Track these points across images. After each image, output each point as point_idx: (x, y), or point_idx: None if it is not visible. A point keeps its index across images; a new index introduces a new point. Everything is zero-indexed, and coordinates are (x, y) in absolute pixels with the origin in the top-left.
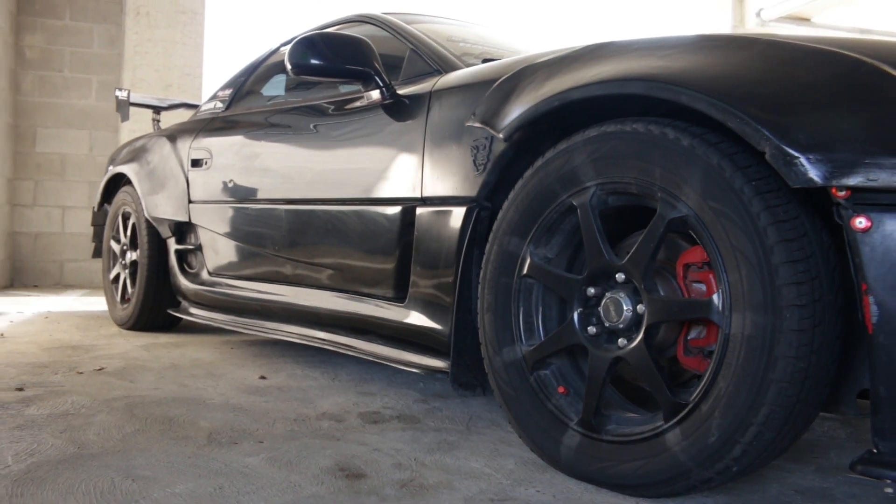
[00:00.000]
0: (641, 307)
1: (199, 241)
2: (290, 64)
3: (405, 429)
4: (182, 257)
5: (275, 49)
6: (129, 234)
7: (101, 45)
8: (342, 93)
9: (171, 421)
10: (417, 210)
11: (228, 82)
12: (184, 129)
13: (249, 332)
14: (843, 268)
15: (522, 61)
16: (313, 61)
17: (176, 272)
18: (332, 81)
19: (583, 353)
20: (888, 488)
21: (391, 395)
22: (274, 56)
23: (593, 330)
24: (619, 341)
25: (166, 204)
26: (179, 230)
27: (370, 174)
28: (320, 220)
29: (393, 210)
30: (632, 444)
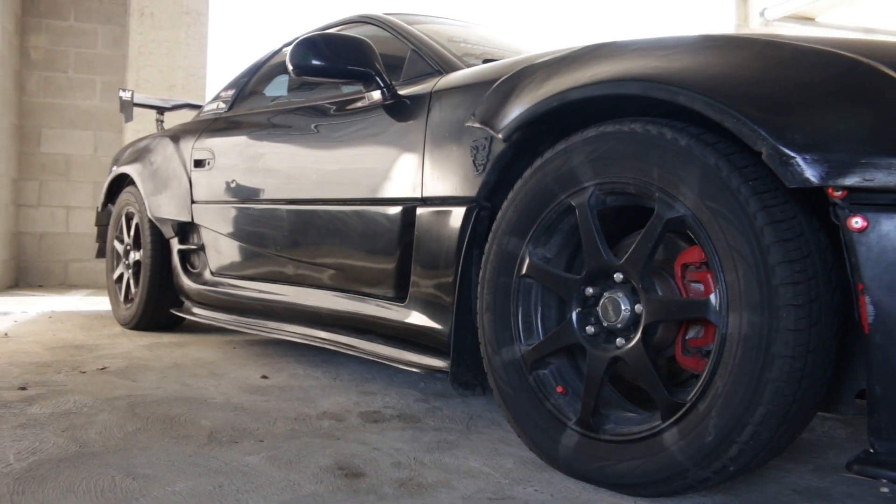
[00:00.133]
0: (639, 307)
1: (201, 242)
2: (291, 65)
3: (405, 428)
4: (185, 257)
5: (277, 50)
6: (132, 235)
7: (105, 46)
8: (344, 93)
9: (173, 420)
10: (418, 210)
11: (231, 83)
12: (186, 129)
13: (252, 331)
14: (840, 268)
15: (522, 62)
16: (314, 62)
17: (179, 272)
18: (334, 82)
19: (581, 352)
20: (884, 488)
21: (392, 395)
22: (276, 57)
23: (591, 330)
24: (618, 341)
25: (169, 204)
26: (182, 230)
27: (371, 174)
28: (322, 220)
29: (393, 210)
30: (629, 443)
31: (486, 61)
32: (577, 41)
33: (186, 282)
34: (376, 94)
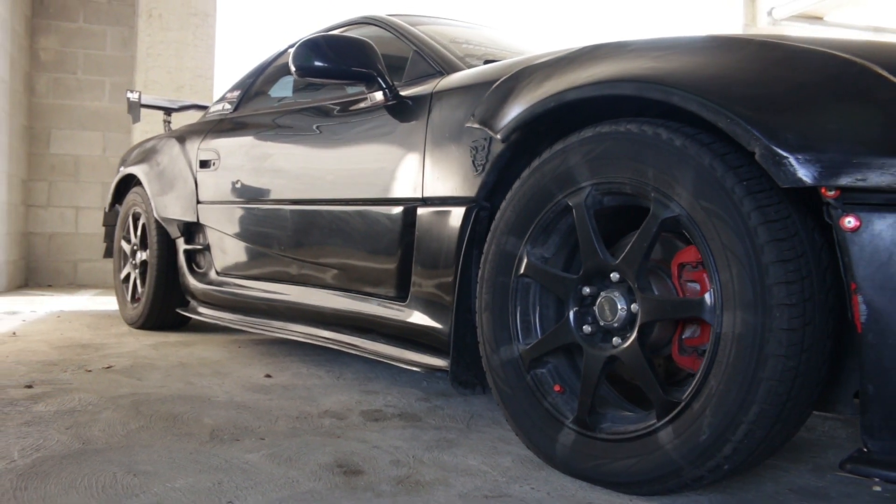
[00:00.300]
0: (635, 306)
1: (207, 242)
2: (294, 66)
3: (406, 427)
4: (191, 257)
5: (282, 51)
6: (139, 235)
7: (114, 48)
8: (348, 94)
9: (176, 418)
10: (418, 210)
11: (237, 84)
12: (192, 130)
13: (256, 331)
14: (834, 267)
15: (522, 62)
16: (317, 63)
17: (185, 272)
18: (337, 83)
19: (579, 351)
20: (876, 486)
21: (394, 394)
22: (281, 58)
23: (588, 329)
24: (614, 340)
25: (175, 204)
26: (188, 230)
27: (373, 175)
28: (325, 220)
29: (395, 210)
30: (625, 441)
31: (487, 62)
32: (582, 41)
33: (192, 281)
34: (378, 95)
